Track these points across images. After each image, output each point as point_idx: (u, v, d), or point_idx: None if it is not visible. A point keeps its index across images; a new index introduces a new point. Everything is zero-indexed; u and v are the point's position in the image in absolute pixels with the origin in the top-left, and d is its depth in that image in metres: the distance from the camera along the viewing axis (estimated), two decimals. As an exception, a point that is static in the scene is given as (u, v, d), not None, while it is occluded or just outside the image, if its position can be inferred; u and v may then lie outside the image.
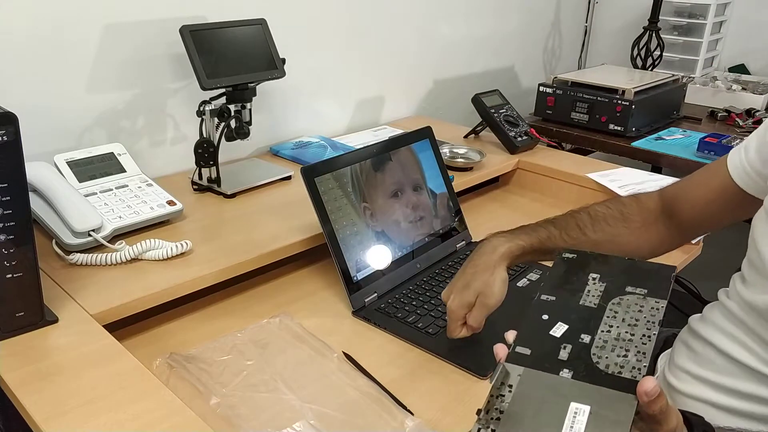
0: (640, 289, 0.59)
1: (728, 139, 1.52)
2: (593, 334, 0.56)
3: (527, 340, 0.56)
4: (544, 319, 0.58)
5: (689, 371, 0.76)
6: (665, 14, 2.03)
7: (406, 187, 1.03)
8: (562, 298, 0.60)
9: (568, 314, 0.58)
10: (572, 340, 0.56)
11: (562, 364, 0.54)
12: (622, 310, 0.58)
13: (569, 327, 0.57)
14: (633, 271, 0.61)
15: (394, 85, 1.71)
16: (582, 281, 0.61)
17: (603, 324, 0.57)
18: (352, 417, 0.70)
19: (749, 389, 0.70)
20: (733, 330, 0.72)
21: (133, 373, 0.68)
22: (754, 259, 0.70)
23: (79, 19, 1.08)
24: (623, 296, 0.59)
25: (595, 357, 0.54)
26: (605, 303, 0.59)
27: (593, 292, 0.60)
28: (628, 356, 0.54)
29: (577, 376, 0.53)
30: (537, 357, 0.55)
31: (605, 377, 0.52)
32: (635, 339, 0.55)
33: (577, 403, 0.51)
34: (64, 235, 0.89)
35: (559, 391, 0.52)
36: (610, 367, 0.53)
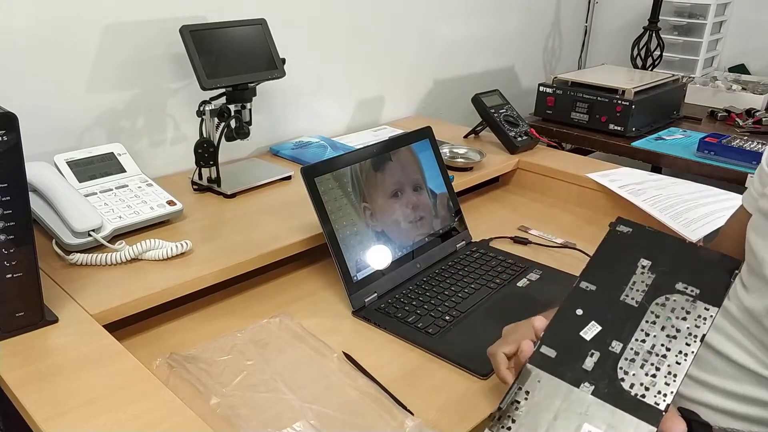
0: (692, 288, 0.53)
1: (728, 139, 1.52)
2: (626, 343, 0.52)
3: (555, 340, 0.53)
4: (578, 315, 0.54)
5: (690, 375, 0.76)
6: (665, 14, 2.03)
7: (406, 187, 1.03)
8: (602, 290, 0.55)
9: (605, 312, 0.54)
10: (602, 346, 0.52)
11: (585, 375, 0.51)
12: (665, 315, 0.53)
13: (602, 329, 0.53)
14: (690, 260, 0.55)
15: (394, 85, 1.71)
16: (630, 268, 0.55)
17: (639, 331, 0.52)
18: (352, 417, 0.70)
19: (750, 392, 0.69)
20: (733, 333, 0.72)
21: (133, 373, 0.68)
22: (753, 265, 0.70)
23: (79, 19, 1.08)
24: (670, 295, 0.53)
25: (621, 372, 0.51)
26: (648, 302, 0.53)
27: (638, 286, 0.54)
28: (657, 376, 0.50)
29: (597, 393, 0.50)
30: (561, 361, 0.52)
31: (627, 399, 0.49)
32: (670, 356, 0.51)
33: (590, 425, 0.49)
34: (64, 235, 0.89)
35: (576, 407, 0.50)
36: (635, 387, 0.50)
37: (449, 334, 0.86)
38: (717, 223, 1.08)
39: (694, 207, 1.16)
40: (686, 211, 1.15)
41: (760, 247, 0.69)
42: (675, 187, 1.25)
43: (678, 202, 1.17)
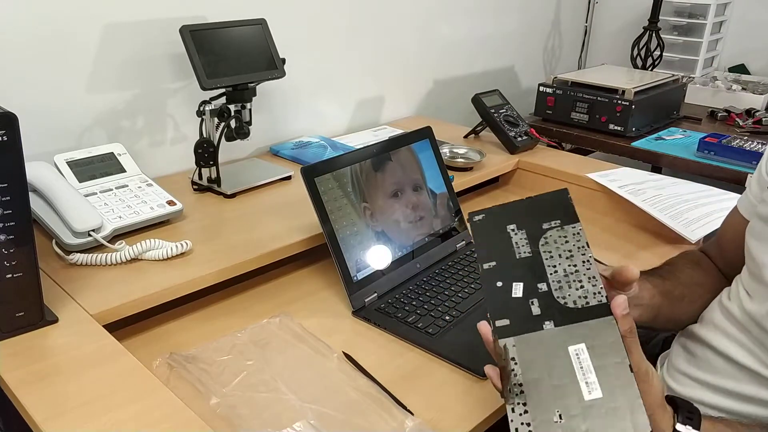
0: (553, 221, 0.63)
1: (728, 139, 1.52)
2: (546, 280, 0.60)
3: (499, 312, 0.60)
4: (499, 286, 0.61)
5: (688, 374, 0.76)
6: (665, 14, 2.03)
7: (406, 187, 1.03)
8: (500, 260, 0.63)
9: (515, 272, 0.61)
10: (533, 293, 0.60)
11: (540, 318, 0.58)
12: (554, 248, 0.62)
13: (524, 283, 0.61)
14: (536, 207, 0.65)
15: (394, 85, 1.71)
16: (505, 236, 0.64)
17: (548, 267, 0.61)
18: (352, 417, 0.70)
19: (749, 391, 0.69)
20: (734, 333, 0.72)
21: (133, 373, 0.68)
22: (753, 270, 0.70)
23: (79, 19, 1.08)
24: (545, 234, 0.63)
25: (561, 299, 0.59)
26: (536, 247, 0.62)
27: (520, 242, 0.63)
28: (584, 285, 0.59)
29: (558, 323, 0.58)
30: (517, 322, 0.59)
31: (579, 312, 0.58)
32: (580, 268, 0.60)
33: (572, 345, 0.56)
34: (64, 235, 0.89)
35: (553, 342, 0.57)
36: (577, 302, 0.58)
37: (449, 334, 0.86)
38: (717, 223, 1.08)
39: (694, 207, 1.16)
40: (686, 211, 1.15)
41: (760, 252, 0.69)
42: (675, 187, 1.25)
43: (678, 202, 1.17)
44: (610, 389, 0.54)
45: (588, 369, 0.55)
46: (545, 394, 0.55)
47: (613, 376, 0.54)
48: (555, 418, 0.53)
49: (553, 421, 0.53)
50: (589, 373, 0.55)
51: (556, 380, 0.55)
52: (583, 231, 0.62)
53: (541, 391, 0.55)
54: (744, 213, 0.79)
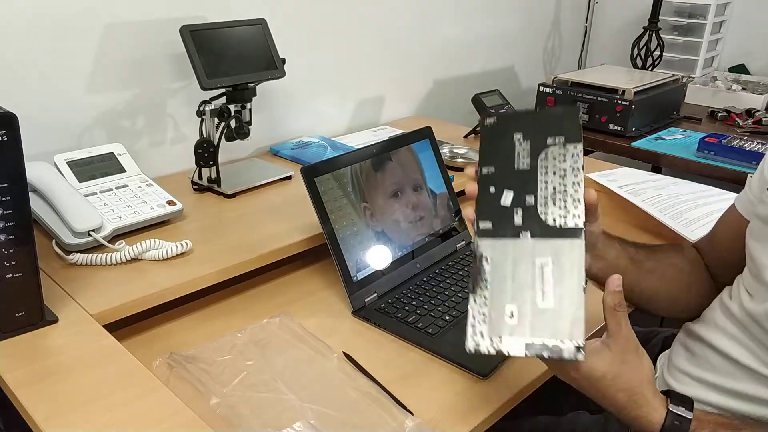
0: (558, 137, 0.66)
1: (728, 139, 1.52)
2: (535, 194, 0.65)
3: (486, 215, 0.65)
4: (492, 192, 0.66)
5: (688, 373, 0.76)
6: (665, 14, 2.03)
7: (406, 187, 1.03)
8: (499, 168, 0.67)
9: (509, 181, 0.66)
10: (520, 203, 0.65)
11: (519, 228, 0.64)
12: (550, 164, 0.66)
13: (514, 193, 0.65)
14: (546, 120, 0.68)
15: (394, 85, 1.71)
16: (510, 145, 0.67)
17: (539, 182, 0.65)
18: (352, 417, 0.70)
19: (749, 390, 0.70)
20: (734, 331, 0.72)
21: (133, 373, 0.68)
22: (753, 271, 0.70)
23: (79, 19, 1.08)
24: (546, 149, 0.66)
25: (542, 214, 0.64)
26: (535, 161, 0.66)
27: (522, 153, 0.67)
28: (567, 206, 0.64)
29: (534, 235, 0.63)
30: (498, 227, 0.64)
31: (555, 230, 0.63)
32: (568, 188, 0.64)
33: (540, 258, 0.62)
34: (64, 235, 0.89)
35: (524, 251, 0.62)
36: (556, 220, 0.63)
37: (449, 334, 0.86)
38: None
39: (694, 207, 1.16)
40: (686, 211, 1.15)
41: (759, 252, 0.69)
42: (675, 187, 1.25)
43: (678, 202, 1.17)
44: (561, 302, 0.60)
45: (547, 281, 0.61)
46: (505, 293, 0.61)
47: (567, 292, 0.60)
48: (508, 315, 0.60)
49: (505, 317, 0.60)
50: (548, 284, 0.61)
51: (517, 284, 0.61)
52: (581, 153, 0.65)
53: (502, 290, 0.61)
54: (742, 211, 0.78)
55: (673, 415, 0.62)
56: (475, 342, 0.60)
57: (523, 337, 0.60)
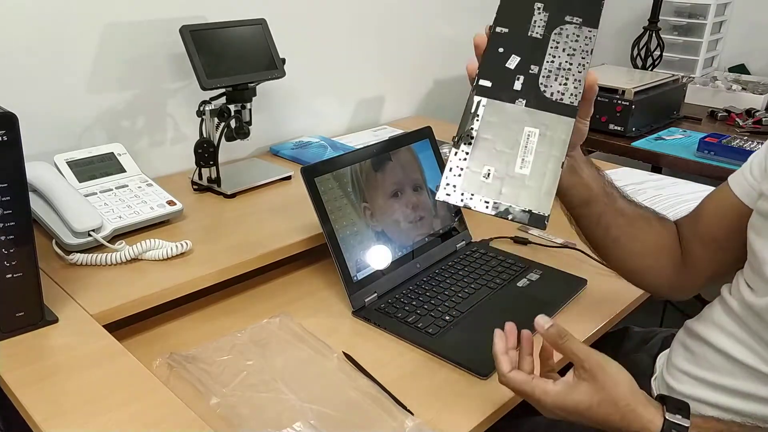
0: (576, 17, 0.68)
1: (728, 139, 1.52)
2: (540, 65, 0.66)
3: (488, 73, 0.65)
4: (500, 52, 0.66)
5: (687, 372, 0.76)
6: (665, 14, 2.02)
7: (406, 187, 1.03)
8: (513, 30, 0.67)
9: (519, 46, 0.67)
10: (524, 71, 0.66)
11: (517, 94, 0.65)
12: (563, 40, 0.67)
13: (521, 59, 0.66)
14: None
15: (394, 85, 1.71)
16: (529, 10, 0.68)
17: (548, 54, 0.66)
18: (352, 417, 0.70)
19: (749, 389, 0.69)
20: (733, 328, 0.72)
21: (133, 373, 0.68)
22: (754, 265, 0.70)
23: (79, 19, 1.08)
24: (563, 26, 0.68)
25: (543, 86, 0.65)
26: (549, 33, 0.67)
27: (539, 23, 0.68)
28: (567, 84, 0.65)
29: (529, 104, 0.64)
30: (496, 88, 0.65)
31: (551, 104, 0.64)
32: (573, 68, 0.66)
33: (529, 127, 0.63)
34: (64, 235, 0.89)
35: (516, 117, 0.64)
36: (554, 94, 0.65)
37: (449, 334, 0.86)
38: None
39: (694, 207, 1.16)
40: (686, 211, 1.14)
41: (761, 247, 0.69)
42: (675, 187, 1.25)
43: (678, 202, 1.17)
44: (537, 172, 0.62)
45: (530, 150, 0.63)
46: (487, 153, 0.63)
47: (545, 164, 0.62)
48: (484, 174, 0.62)
49: (481, 176, 0.62)
50: (530, 153, 0.63)
51: (500, 147, 0.63)
52: (594, 38, 0.67)
53: (484, 150, 0.63)
54: (739, 194, 0.76)
55: (669, 424, 0.61)
56: (446, 193, 0.62)
57: (493, 197, 0.62)
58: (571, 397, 0.62)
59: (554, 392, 0.62)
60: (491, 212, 0.62)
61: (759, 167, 0.74)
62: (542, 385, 0.63)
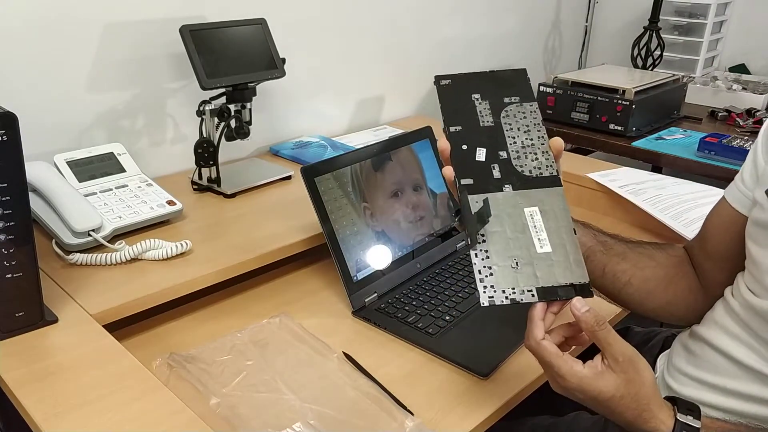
0: (514, 97, 0.71)
1: (728, 139, 1.52)
2: (506, 149, 0.68)
3: (465, 172, 0.66)
4: (465, 149, 0.68)
5: (688, 374, 0.76)
6: (665, 14, 2.02)
7: (406, 187, 1.03)
8: (466, 125, 0.69)
9: (479, 138, 0.68)
10: (495, 159, 0.67)
11: (500, 182, 0.66)
12: (513, 121, 0.69)
13: (486, 149, 0.68)
14: (499, 82, 0.72)
15: (394, 85, 1.71)
16: (470, 104, 0.70)
17: (507, 138, 0.69)
18: (352, 417, 0.70)
19: (751, 391, 0.69)
20: (735, 330, 0.72)
21: (133, 373, 0.68)
22: (754, 272, 0.70)
23: (79, 19, 1.08)
24: (506, 107, 0.70)
25: (518, 167, 0.67)
26: (498, 118, 0.69)
27: (484, 112, 0.70)
28: (539, 158, 0.68)
29: (516, 187, 0.66)
30: (479, 182, 0.66)
31: (534, 180, 0.67)
32: (536, 142, 0.69)
33: (527, 207, 0.65)
34: (64, 235, 0.89)
35: (511, 202, 0.65)
36: (532, 171, 0.67)
37: (449, 334, 0.86)
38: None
39: (694, 207, 1.16)
40: (686, 211, 1.15)
41: (761, 256, 0.69)
42: (675, 187, 1.25)
43: (678, 202, 1.17)
44: (557, 246, 0.63)
45: (540, 228, 0.64)
46: (504, 244, 0.63)
47: (560, 237, 0.64)
48: (512, 264, 0.62)
49: (510, 267, 0.62)
50: (541, 231, 0.64)
51: (513, 234, 0.64)
52: (538, 110, 0.70)
53: (500, 242, 0.63)
54: (736, 205, 0.76)
55: (681, 424, 0.61)
56: (489, 296, 0.61)
57: (533, 284, 0.62)
58: (596, 384, 0.61)
59: (581, 374, 0.61)
60: (539, 299, 0.62)
61: (749, 174, 0.75)
62: (571, 364, 0.62)
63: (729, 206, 0.77)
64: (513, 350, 0.82)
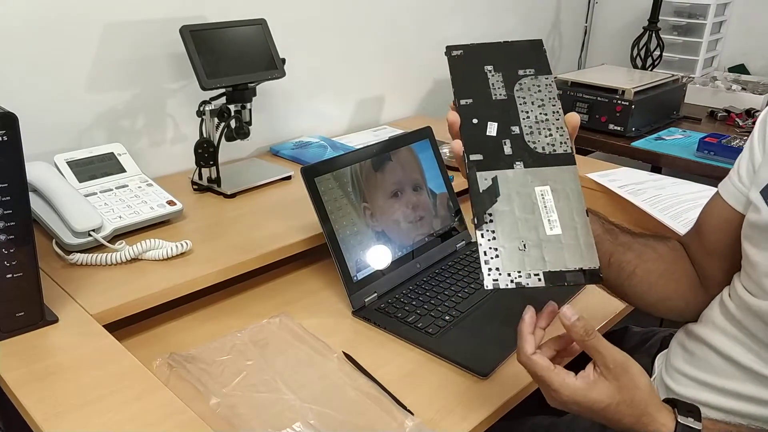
0: (528, 69, 0.67)
1: (728, 139, 1.52)
2: (518, 124, 0.65)
3: (474, 147, 0.63)
4: (475, 123, 0.64)
5: (686, 374, 0.76)
6: (665, 14, 2.03)
7: (406, 187, 1.03)
8: (477, 99, 0.66)
9: (490, 112, 0.65)
10: (506, 134, 0.64)
11: (511, 159, 0.63)
12: (527, 95, 0.66)
13: (498, 124, 0.64)
14: (513, 53, 0.69)
15: (394, 85, 1.71)
16: (482, 76, 0.67)
17: (521, 112, 0.65)
18: (352, 417, 0.70)
19: (749, 391, 0.69)
20: (734, 332, 0.72)
21: (133, 373, 0.68)
22: (750, 273, 0.70)
23: (79, 19, 1.08)
24: (520, 80, 0.67)
25: (531, 144, 0.64)
26: (511, 92, 0.66)
27: (497, 84, 0.67)
28: (553, 134, 0.64)
29: (527, 165, 0.62)
30: (489, 159, 0.63)
31: (547, 158, 0.63)
32: (550, 117, 0.65)
33: (538, 186, 0.62)
34: (64, 235, 0.89)
35: (521, 181, 0.62)
36: (545, 148, 0.63)
37: (449, 334, 0.86)
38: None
39: (694, 207, 1.16)
40: (686, 211, 1.15)
41: (757, 257, 0.69)
42: (674, 187, 1.25)
43: (678, 202, 1.17)
44: (568, 228, 0.60)
45: (551, 209, 0.61)
46: (512, 225, 0.60)
47: (572, 218, 0.60)
48: (520, 246, 0.59)
49: (518, 249, 0.59)
50: (552, 212, 0.60)
51: (522, 214, 0.60)
52: (554, 83, 0.67)
53: (508, 222, 0.60)
54: (731, 201, 0.75)
55: (682, 427, 0.61)
56: (493, 279, 0.58)
57: (540, 267, 0.59)
58: (590, 395, 0.61)
59: (573, 386, 0.61)
60: (546, 284, 0.58)
61: (745, 169, 0.74)
62: (563, 376, 0.61)
63: (724, 203, 0.76)
64: (513, 350, 0.81)
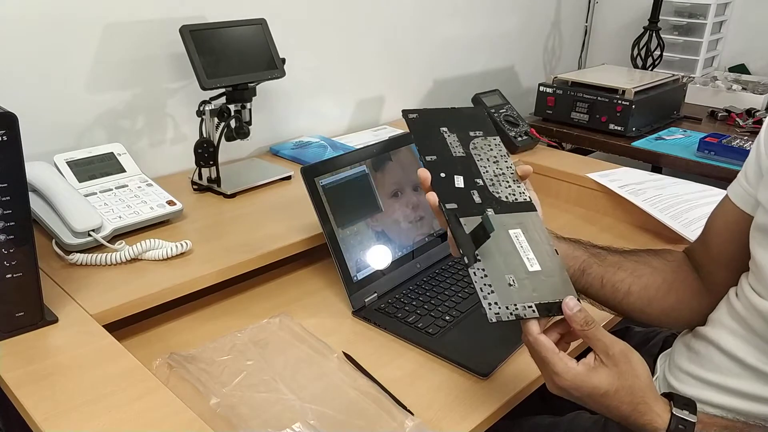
0: (477, 131, 0.75)
1: (728, 139, 1.52)
2: (481, 177, 0.71)
3: (448, 197, 0.68)
4: (443, 177, 0.70)
5: (690, 373, 0.76)
6: (665, 14, 2.02)
7: (406, 187, 1.03)
8: (440, 155, 0.71)
9: (455, 167, 0.71)
10: (473, 185, 0.70)
11: (482, 206, 0.69)
12: (482, 153, 0.73)
13: (464, 176, 0.70)
14: (462, 117, 0.76)
15: (394, 85, 1.71)
16: (440, 136, 0.73)
17: (480, 167, 0.72)
18: (352, 417, 0.70)
19: (755, 390, 0.69)
20: (738, 329, 0.71)
21: (133, 373, 0.68)
22: (757, 275, 0.70)
23: (79, 19, 1.08)
24: (472, 140, 0.74)
25: (495, 193, 0.70)
26: (467, 150, 0.73)
27: (454, 143, 0.73)
28: (511, 186, 0.71)
29: (497, 211, 0.69)
30: (463, 206, 0.68)
31: (511, 205, 0.70)
32: (505, 172, 0.72)
33: (511, 230, 0.68)
34: (64, 235, 0.89)
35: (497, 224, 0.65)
36: (508, 197, 0.70)
37: (449, 334, 0.86)
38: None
39: (694, 207, 1.16)
40: (686, 211, 1.15)
41: (765, 259, 0.68)
42: (675, 187, 1.25)
43: (678, 202, 1.17)
44: (545, 265, 0.66)
45: (527, 249, 0.67)
46: (497, 263, 0.65)
47: (545, 257, 0.67)
48: (509, 281, 0.64)
49: (508, 284, 0.64)
50: (528, 251, 0.66)
51: (504, 254, 0.66)
52: (501, 144, 0.75)
53: (494, 261, 0.65)
54: (740, 204, 0.75)
55: (677, 419, 0.62)
56: (495, 313, 0.62)
57: (533, 300, 0.63)
58: (590, 380, 0.62)
59: (575, 371, 0.62)
60: (540, 315, 0.63)
61: (753, 171, 0.74)
62: (566, 361, 0.62)
63: (734, 206, 0.76)
64: (513, 350, 0.82)
